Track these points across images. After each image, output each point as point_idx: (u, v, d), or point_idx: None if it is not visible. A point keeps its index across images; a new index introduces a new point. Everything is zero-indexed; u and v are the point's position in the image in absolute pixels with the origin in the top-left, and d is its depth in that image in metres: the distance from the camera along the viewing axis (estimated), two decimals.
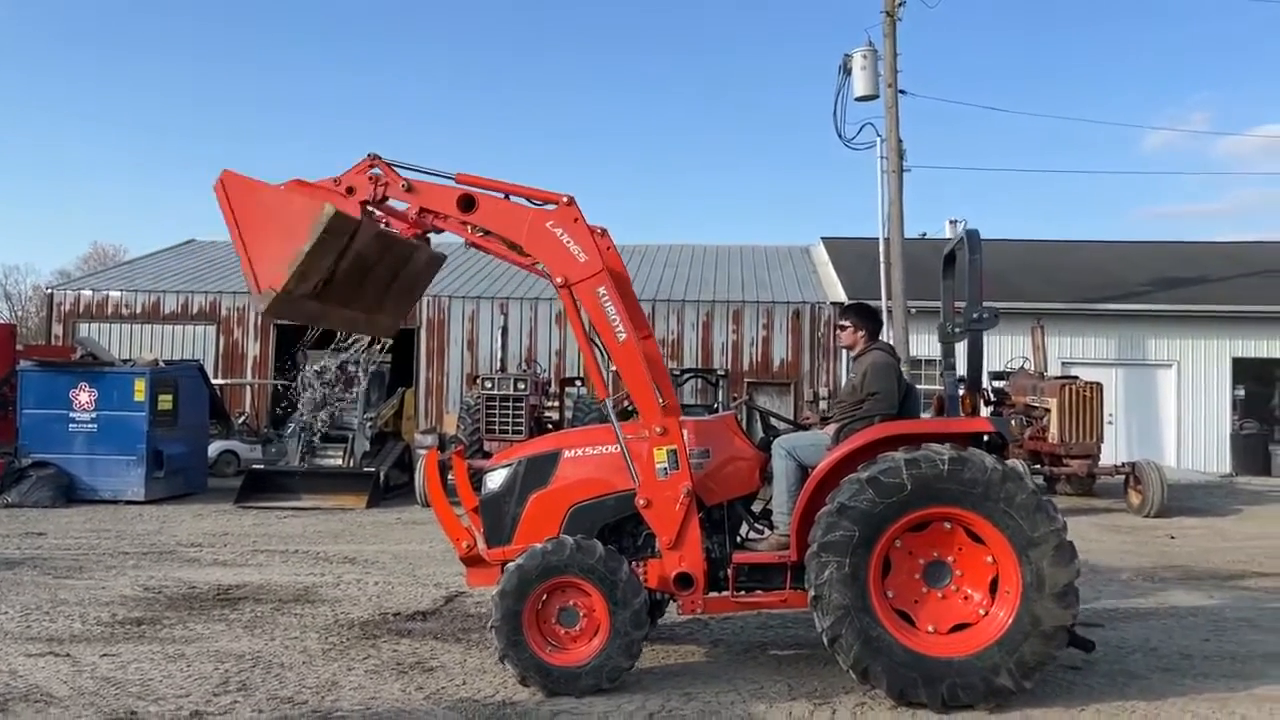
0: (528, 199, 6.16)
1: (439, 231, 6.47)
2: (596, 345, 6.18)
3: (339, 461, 16.24)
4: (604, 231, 6.27)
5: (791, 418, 7.06)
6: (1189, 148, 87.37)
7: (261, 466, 16.69)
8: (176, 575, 9.30)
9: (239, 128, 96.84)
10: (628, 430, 6.03)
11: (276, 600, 8.24)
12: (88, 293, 24.98)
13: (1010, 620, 5.41)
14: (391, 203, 6.29)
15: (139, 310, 24.37)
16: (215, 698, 5.61)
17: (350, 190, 6.14)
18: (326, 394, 16.50)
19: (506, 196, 6.18)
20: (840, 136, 20.98)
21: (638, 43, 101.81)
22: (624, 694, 5.67)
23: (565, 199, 6.03)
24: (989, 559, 5.55)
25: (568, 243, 5.96)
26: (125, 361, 16.86)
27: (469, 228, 6.22)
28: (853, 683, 5.55)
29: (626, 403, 6.51)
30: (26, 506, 14.14)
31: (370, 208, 6.21)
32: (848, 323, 6.56)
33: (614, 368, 6.10)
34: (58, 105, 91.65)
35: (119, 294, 24.59)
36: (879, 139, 20.97)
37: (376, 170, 6.18)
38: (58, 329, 24.41)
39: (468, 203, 6.07)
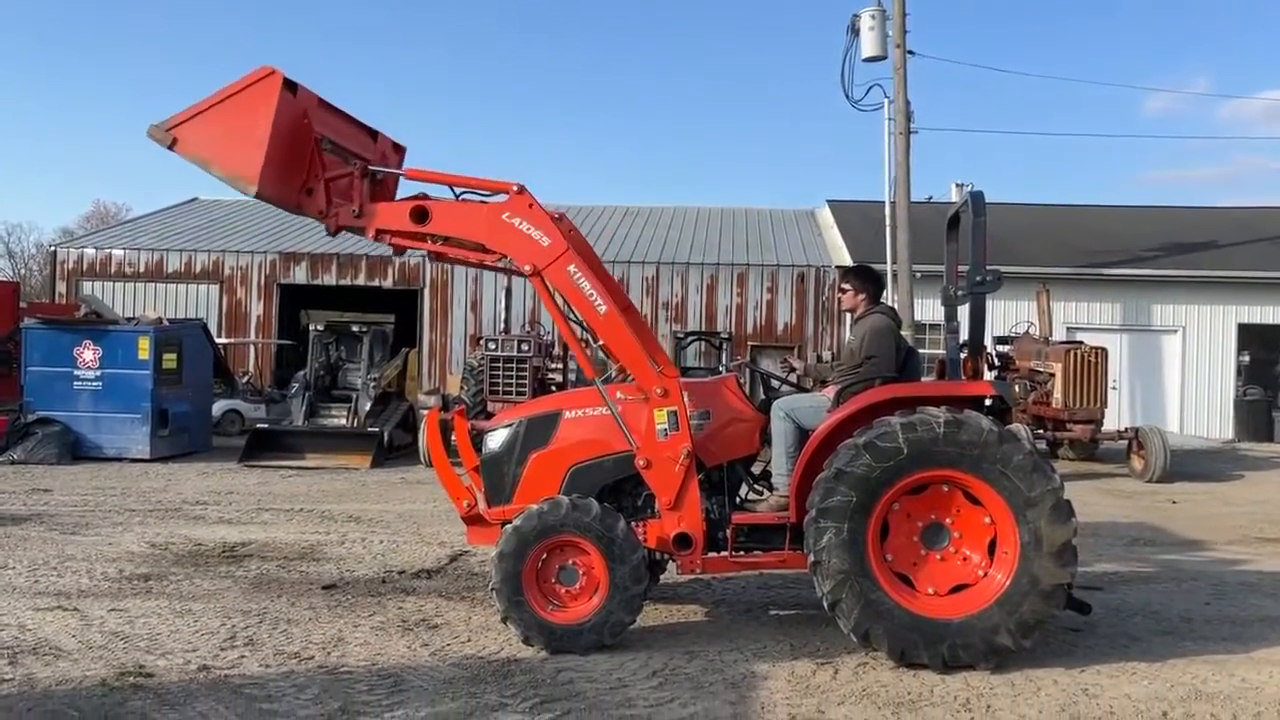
0: (477, 191, 6.15)
1: (400, 253, 6.40)
2: (578, 325, 6.21)
3: (343, 421, 16.30)
4: (562, 216, 6.30)
5: (794, 381, 7.04)
6: (1190, 113, 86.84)
7: (266, 426, 16.75)
8: (182, 532, 9.36)
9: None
10: (625, 391, 6.05)
11: (282, 558, 8.30)
12: (91, 251, 24.94)
13: (1009, 580, 5.45)
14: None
15: (142, 269, 24.34)
16: (223, 652, 5.68)
17: (308, 191, 6.05)
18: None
19: (457, 196, 6.15)
20: (848, 97, 20.88)
21: (642, 7, 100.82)
22: (627, 652, 5.73)
23: (515, 188, 6.01)
24: (987, 520, 5.58)
25: (528, 230, 5.94)
26: (129, 320, 16.86)
27: (428, 239, 6.18)
28: (855, 643, 5.59)
29: (618, 376, 6.53)
30: (32, 463, 14.21)
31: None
32: (849, 286, 6.55)
33: (601, 343, 6.12)
34: (59, 61, 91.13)
35: (122, 252, 24.56)
36: (886, 100, 20.82)
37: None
38: (61, 287, 24.39)
39: (420, 214, 6.02)
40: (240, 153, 5.73)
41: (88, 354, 15.20)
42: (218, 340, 20.41)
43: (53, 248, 26.50)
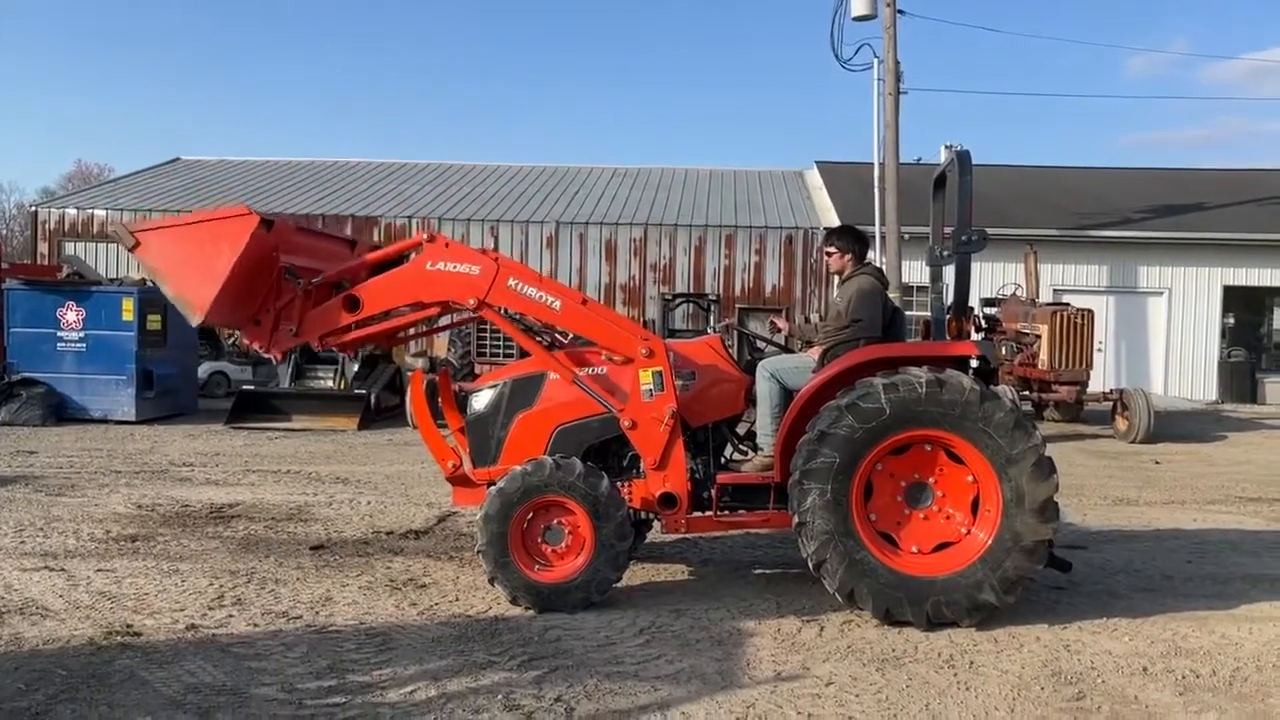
0: (394, 259, 6.17)
1: (352, 352, 6.39)
2: (540, 335, 6.28)
3: (330, 383, 16.26)
4: (484, 251, 6.30)
5: (780, 342, 7.06)
6: (1172, 75, 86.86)
7: (252, 388, 16.69)
8: (169, 494, 9.35)
9: (223, 46, 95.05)
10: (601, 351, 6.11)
11: (269, 519, 8.30)
12: (73, 211, 24.69)
13: (991, 537, 5.49)
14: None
15: None
16: (210, 611, 5.69)
17: (256, 321, 6.04)
18: None
19: (375, 270, 6.12)
20: (837, 57, 20.68)
21: None
22: (615, 610, 5.77)
23: (426, 236, 6.05)
24: (969, 478, 5.62)
25: (455, 268, 5.96)
26: (112, 280, 16.73)
27: (371, 323, 6.15)
28: (840, 601, 5.63)
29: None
30: (17, 425, 14.15)
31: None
32: (834, 247, 6.50)
33: (571, 335, 6.17)
34: (41, 22, 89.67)
35: (104, 213, 24.31)
36: (876, 60, 20.67)
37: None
38: (43, 247, 24.17)
39: (352, 303, 5.99)
40: (194, 281, 5.75)
41: (71, 315, 15.10)
42: None
43: (34, 208, 26.19)
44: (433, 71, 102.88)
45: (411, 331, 6.94)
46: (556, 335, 6.64)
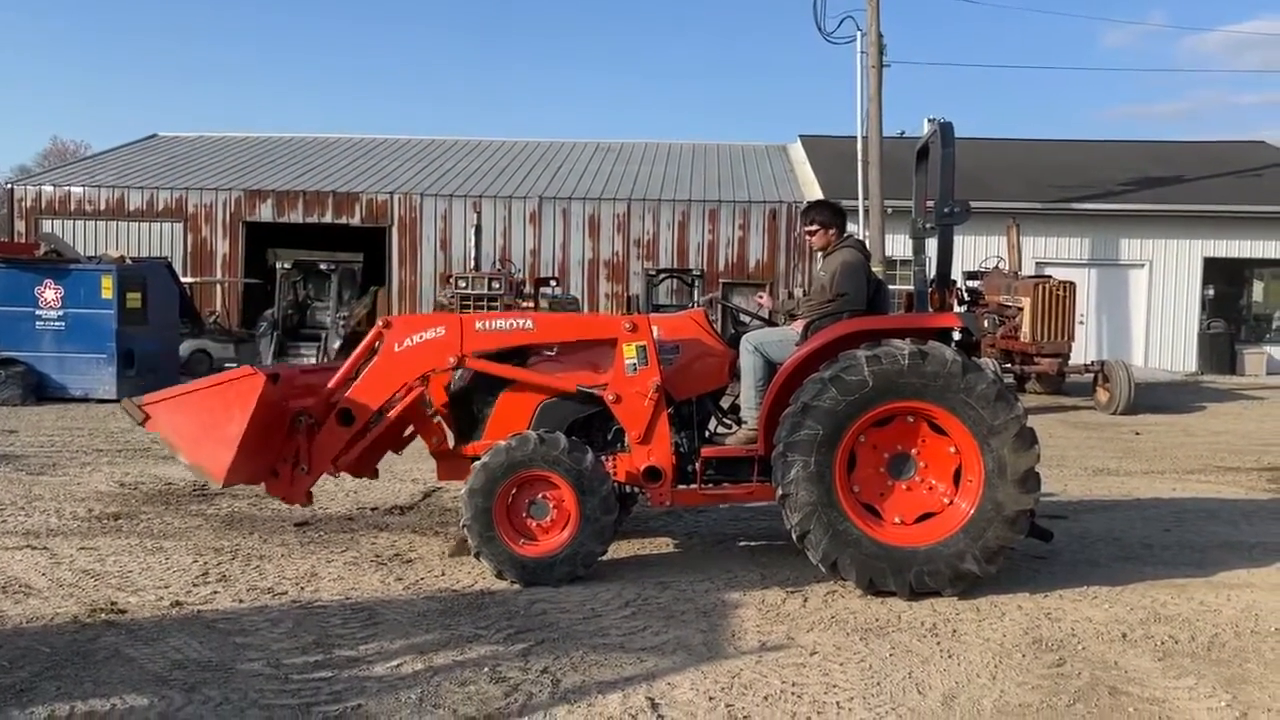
0: (366, 357, 6.19)
1: (373, 472, 6.65)
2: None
3: (312, 361, 16.19)
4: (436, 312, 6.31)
5: (764, 316, 7.06)
6: (1150, 48, 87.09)
7: (234, 366, 16.60)
8: (152, 472, 9.31)
9: (202, 21, 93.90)
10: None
11: (253, 496, 8.27)
12: (49, 188, 24.42)
13: (974, 508, 5.53)
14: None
15: (103, 206, 23.88)
16: (195, 588, 5.68)
17: (274, 473, 6.07)
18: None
19: (353, 378, 6.13)
20: (820, 30, 20.63)
21: None
22: (601, 583, 5.79)
23: (382, 323, 6.14)
24: (951, 449, 5.65)
25: (424, 337, 6.03)
26: (91, 258, 16.57)
27: (370, 428, 6.12)
28: (824, 572, 5.67)
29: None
30: None
31: None
32: (815, 224, 6.47)
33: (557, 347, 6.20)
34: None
35: (82, 190, 24.06)
36: (859, 33, 20.61)
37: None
38: (19, 225, 23.92)
39: (345, 417, 6.01)
40: (209, 448, 5.73)
41: (49, 293, 14.97)
42: (184, 279, 20.14)
43: (10, 185, 25.92)
44: (427, 56, 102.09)
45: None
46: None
